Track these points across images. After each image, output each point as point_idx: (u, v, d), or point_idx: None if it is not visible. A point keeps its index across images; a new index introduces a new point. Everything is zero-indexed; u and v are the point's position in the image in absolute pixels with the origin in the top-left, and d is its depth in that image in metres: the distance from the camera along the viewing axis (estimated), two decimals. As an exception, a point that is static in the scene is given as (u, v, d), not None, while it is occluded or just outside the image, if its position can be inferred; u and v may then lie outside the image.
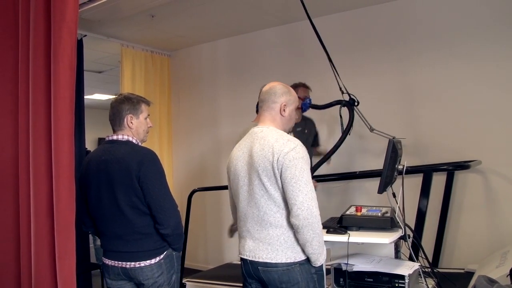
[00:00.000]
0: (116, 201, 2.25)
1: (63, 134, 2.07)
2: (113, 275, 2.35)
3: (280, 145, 2.04)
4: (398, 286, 2.42)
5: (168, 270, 2.35)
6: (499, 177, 3.80)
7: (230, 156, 2.29)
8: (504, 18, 3.78)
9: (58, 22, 2.00)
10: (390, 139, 2.51)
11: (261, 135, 2.14)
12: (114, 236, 2.32)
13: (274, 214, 2.07)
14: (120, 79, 5.30)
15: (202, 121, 5.72)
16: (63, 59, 2.03)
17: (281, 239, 2.07)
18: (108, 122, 2.40)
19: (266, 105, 2.23)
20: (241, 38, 5.35)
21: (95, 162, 2.32)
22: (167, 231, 2.27)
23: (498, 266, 2.91)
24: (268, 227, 2.09)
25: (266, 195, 2.07)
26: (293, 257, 2.07)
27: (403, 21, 4.26)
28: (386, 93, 4.33)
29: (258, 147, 2.10)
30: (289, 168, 1.99)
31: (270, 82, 2.29)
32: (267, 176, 2.05)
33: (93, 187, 2.31)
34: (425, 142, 4.11)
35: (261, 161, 2.06)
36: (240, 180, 2.18)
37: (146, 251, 2.29)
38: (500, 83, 3.79)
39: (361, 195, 4.33)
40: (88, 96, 7.88)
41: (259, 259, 2.10)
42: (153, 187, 2.23)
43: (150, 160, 2.27)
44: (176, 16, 4.64)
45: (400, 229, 2.53)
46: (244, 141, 2.24)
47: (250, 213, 2.14)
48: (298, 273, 2.07)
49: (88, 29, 4.82)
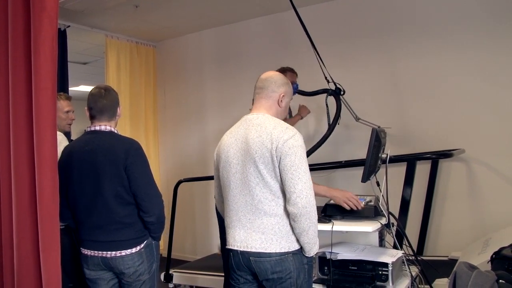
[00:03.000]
0: (100, 191, 2.26)
1: (45, 125, 2.05)
2: (92, 265, 2.36)
3: (279, 132, 2.02)
4: (381, 274, 2.45)
5: (148, 259, 2.37)
6: (483, 166, 3.85)
7: (220, 143, 2.24)
8: (492, 9, 3.82)
9: (38, 12, 1.97)
10: (374, 128, 2.53)
11: (257, 122, 2.11)
12: (94, 226, 2.32)
13: (269, 202, 2.04)
14: (105, 70, 5.26)
15: (189, 111, 5.71)
16: (44, 49, 2.00)
17: (276, 228, 2.03)
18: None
19: (265, 93, 2.19)
20: (227, 28, 5.33)
21: (78, 153, 2.33)
22: (152, 219, 2.31)
23: (480, 253, 2.96)
24: (262, 216, 2.04)
25: (262, 183, 2.03)
26: (287, 246, 2.04)
27: (390, 11, 4.28)
28: (373, 83, 4.35)
29: (254, 134, 2.07)
30: (289, 156, 1.98)
31: (268, 71, 2.28)
32: (264, 163, 2.02)
33: (75, 177, 2.32)
34: (411, 131, 4.14)
35: (258, 148, 2.03)
36: (232, 167, 2.13)
37: (127, 240, 2.30)
38: (485, 74, 3.83)
39: (346, 184, 4.35)
40: (74, 87, 7.80)
41: (252, 249, 2.05)
42: (140, 175, 2.27)
43: (136, 149, 2.31)
44: (161, 6, 4.61)
45: (384, 218, 2.55)
46: (237, 128, 2.19)
47: (242, 202, 2.09)
48: (291, 262, 2.04)
49: (72, 20, 4.77)
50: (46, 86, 2.03)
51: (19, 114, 2.11)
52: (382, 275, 2.45)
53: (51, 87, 2.06)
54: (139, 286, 2.36)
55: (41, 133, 2.02)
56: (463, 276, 2.08)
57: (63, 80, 4.71)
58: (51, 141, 2.06)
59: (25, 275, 2.12)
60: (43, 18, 1.97)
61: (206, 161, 5.33)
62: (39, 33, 1.97)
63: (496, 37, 3.77)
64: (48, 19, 1.96)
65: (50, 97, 2.04)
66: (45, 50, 1.98)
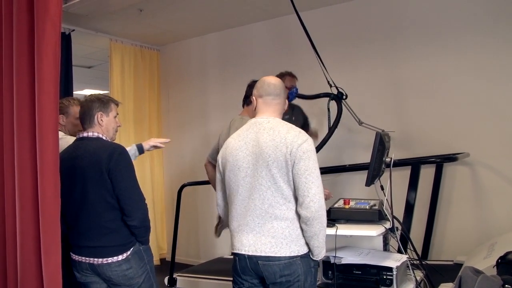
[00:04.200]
0: (86, 195, 2.29)
1: (48, 129, 2.05)
2: (81, 270, 2.38)
3: (293, 137, 2.05)
4: (386, 278, 2.44)
5: (138, 264, 2.36)
6: (487, 170, 3.82)
7: (227, 147, 2.23)
8: (493, 11, 3.80)
9: (42, 16, 1.97)
10: (378, 132, 2.52)
11: (269, 126, 2.12)
12: (81, 231, 2.34)
13: (280, 206, 2.05)
14: (109, 74, 5.28)
15: (192, 115, 5.71)
16: (47, 53, 2.00)
17: (286, 232, 2.04)
18: None
19: (279, 98, 2.23)
20: (230, 32, 5.34)
21: (67, 159, 2.36)
22: (134, 223, 2.30)
23: (486, 257, 2.93)
24: (272, 220, 2.05)
25: (274, 186, 2.04)
26: (296, 250, 2.05)
27: (391, 15, 4.27)
28: (375, 86, 4.34)
29: (267, 138, 2.08)
30: (303, 160, 2.01)
31: (271, 76, 2.32)
32: (277, 167, 2.03)
33: (65, 182, 2.31)
34: (414, 135, 4.13)
35: (272, 151, 2.04)
36: (242, 171, 2.13)
37: (113, 246, 2.30)
38: (488, 76, 3.81)
39: (350, 188, 4.34)
40: (78, 91, 7.83)
41: (261, 253, 2.05)
42: (122, 179, 2.28)
43: (119, 153, 2.32)
44: (165, 10, 4.62)
45: (388, 222, 2.54)
46: (245, 131, 2.20)
47: (251, 206, 2.09)
48: (299, 266, 2.06)
49: (76, 24, 4.79)
50: (48, 91, 2.03)
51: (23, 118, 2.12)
52: (386, 280, 2.44)
53: (53, 91, 2.06)
54: None
55: (44, 138, 2.03)
56: (468, 281, 2.06)
57: (67, 84, 4.73)
58: (53, 145, 2.06)
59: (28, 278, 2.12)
60: (46, 22, 1.97)
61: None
62: (43, 38, 1.97)
63: (499, 39, 3.75)
64: (51, 24, 1.97)
65: (53, 102, 2.04)
66: (48, 55, 1.98)
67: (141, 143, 2.92)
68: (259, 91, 2.24)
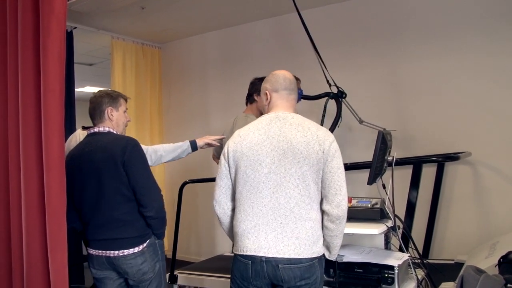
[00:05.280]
0: (102, 189, 2.30)
1: (53, 127, 2.07)
2: (97, 264, 2.39)
3: (324, 135, 2.01)
4: (387, 277, 2.44)
5: (152, 258, 2.39)
6: (489, 169, 3.83)
7: (242, 140, 2.07)
8: (494, 11, 3.79)
9: (47, 14, 1.98)
10: (380, 130, 2.52)
11: (295, 122, 2.04)
12: (97, 225, 2.36)
13: (306, 206, 1.97)
14: (111, 71, 5.28)
15: (193, 113, 5.71)
16: (52, 51, 2.02)
17: (310, 232, 1.97)
18: None
19: (287, 91, 2.15)
20: (231, 31, 5.34)
21: (79, 155, 2.38)
22: (151, 213, 2.33)
23: (487, 256, 2.94)
24: (296, 220, 1.95)
25: (303, 185, 1.96)
26: (317, 251, 2.00)
27: (393, 14, 4.27)
28: (376, 85, 4.34)
29: (298, 134, 1.99)
30: (335, 158, 1.99)
31: (280, 70, 2.21)
32: (308, 165, 1.96)
33: (78, 179, 2.35)
34: (415, 134, 4.13)
35: (304, 148, 1.96)
36: (264, 167, 1.99)
37: (129, 238, 2.32)
38: (490, 76, 3.81)
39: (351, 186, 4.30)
40: (79, 88, 7.83)
41: (284, 255, 1.93)
42: (137, 170, 2.32)
43: (133, 146, 2.35)
44: (166, 8, 4.62)
45: (389, 220, 2.55)
46: (267, 125, 2.05)
47: (274, 204, 1.97)
48: (317, 268, 2.01)
49: (78, 21, 4.79)
50: (54, 88, 2.05)
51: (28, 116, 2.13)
52: (388, 278, 2.43)
53: (58, 88, 2.08)
54: (146, 286, 2.39)
55: (49, 134, 2.04)
56: (470, 280, 2.07)
57: (69, 81, 4.72)
58: (59, 142, 2.08)
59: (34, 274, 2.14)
60: (51, 20, 1.98)
61: (211, 163, 5.31)
62: (48, 35, 1.98)
63: (500, 38, 3.75)
64: (56, 21, 1.98)
65: (58, 99, 2.06)
66: (54, 52, 1.99)
67: (195, 140, 2.94)
68: (273, 85, 2.15)
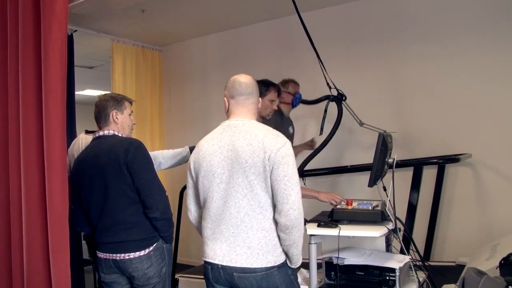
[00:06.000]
0: (107, 191, 2.30)
1: (55, 129, 2.07)
2: (106, 268, 2.40)
3: (271, 141, 1.92)
4: (388, 279, 2.44)
5: (158, 262, 2.38)
6: (489, 170, 3.82)
7: (199, 150, 2.09)
8: (495, 11, 3.79)
9: (48, 17, 1.99)
10: (380, 132, 2.52)
11: (245, 129, 2.00)
12: (104, 228, 2.36)
13: (257, 215, 1.93)
14: (111, 74, 5.28)
15: (194, 116, 5.70)
16: (54, 53, 2.02)
17: (262, 242, 1.93)
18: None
19: (252, 98, 2.10)
20: (231, 33, 5.33)
21: (85, 159, 2.39)
22: (155, 215, 2.32)
23: (488, 258, 2.93)
24: (248, 230, 1.93)
25: (250, 194, 1.93)
26: (273, 261, 1.95)
27: (393, 15, 4.27)
28: (377, 87, 4.34)
29: (244, 142, 1.95)
30: (282, 165, 1.89)
31: (241, 74, 2.16)
32: (255, 174, 1.91)
33: (85, 181, 2.36)
34: (416, 135, 4.12)
35: (249, 157, 1.91)
36: (216, 177, 1.99)
37: (135, 241, 2.32)
38: (490, 77, 3.80)
39: (352, 188, 4.34)
40: (79, 92, 7.83)
41: (236, 264, 1.93)
42: (141, 171, 2.31)
43: (136, 147, 2.35)
44: (167, 11, 4.62)
45: (390, 223, 2.54)
46: (219, 134, 2.06)
47: (226, 214, 1.96)
48: (277, 277, 1.95)
49: (78, 24, 4.78)
50: (55, 89, 2.05)
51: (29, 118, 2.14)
52: (389, 281, 2.44)
53: (60, 90, 2.08)
54: None
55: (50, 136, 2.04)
56: (471, 282, 2.06)
57: (69, 85, 4.68)
58: (61, 144, 2.09)
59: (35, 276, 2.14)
60: (53, 22, 1.99)
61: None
62: (49, 38, 1.99)
63: (502, 39, 3.75)
64: (58, 24, 1.98)
65: (59, 101, 2.07)
66: (55, 54, 2.00)
67: (195, 146, 2.94)
68: (230, 91, 2.12)
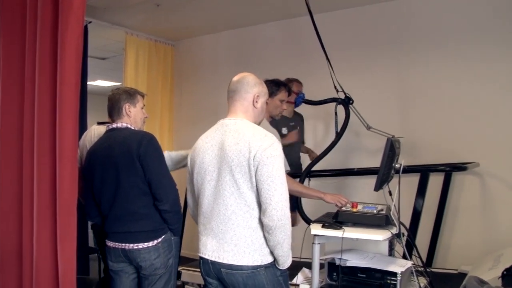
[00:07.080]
0: (119, 183, 2.35)
1: (68, 118, 2.11)
2: (114, 257, 2.45)
3: (257, 141, 1.93)
4: (390, 283, 2.45)
5: (165, 254, 2.43)
6: (496, 180, 3.82)
7: (195, 148, 2.15)
8: (501, 18, 3.79)
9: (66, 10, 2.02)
10: (389, 137, 2.53)
11: (235, 128, 2.02)
12: (114, 218, 2.41)
13: (243, 214, 1.95)
14: (123, 66, 5.31)
15: (204, 111, 5.71)
16: (70, 45, 2.05)
17: (249, 240, 1.95)
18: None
19: (238, 95, 2.10)
20: (243, 31, 5.36)
21: (99, 150, 2.44)
22: (165, 207, 2.37)
23: (491, 268, 2.93)
24: (235, 228, 1.96)
25: (237, 193, 1.95)
26: (259, 260, 1.96)
27: (402, 21, 4.27)
28: (384, 92, 4.34)
29: (232, 141, 1.97)
30: (266, 166, 1.89)
31: (241, 73, 2.17)
32: (240, 173, 1.93)
33: (98, 172, 2.41)
34: (422, 142, 4.12)
35: (235, 156, 1.93)
36: (207, 174, 2.04)
37: (145, 231, 2.37)
38: (499, 85, 3.80)
39: (357, 191, 4.35)
40: (91, 82, 7.88)
41: (223, 261, 1.97)
42: (153, 164, 2.35)
43: (148, 140, 2.39)
44: (181, 7, 4.65)
45: (394, 227, 2.55)
46: (213, 132, 2.11)
47: (216, 211, 2.00)
48: (263, 276, 1.97)
49: (93, 16, 4.82)
50: (69, 81, 2.08)
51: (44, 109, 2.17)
52: (390, 284, 2.45)
53: (74, 82, 2.12)
54: (155, 280, 2.42)
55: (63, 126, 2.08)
56: (472, 290, 2.08)
57: (82, 75, 4.73)
58: (72, 134, 2.12)
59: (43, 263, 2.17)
60: (70, 16, 2.02)
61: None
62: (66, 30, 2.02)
63: (509, 48, 3.74)
64: (75, 18, 2.01)
65: (73, 92, 2.10)
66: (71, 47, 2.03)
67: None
68: (227, 92, 2.16)
